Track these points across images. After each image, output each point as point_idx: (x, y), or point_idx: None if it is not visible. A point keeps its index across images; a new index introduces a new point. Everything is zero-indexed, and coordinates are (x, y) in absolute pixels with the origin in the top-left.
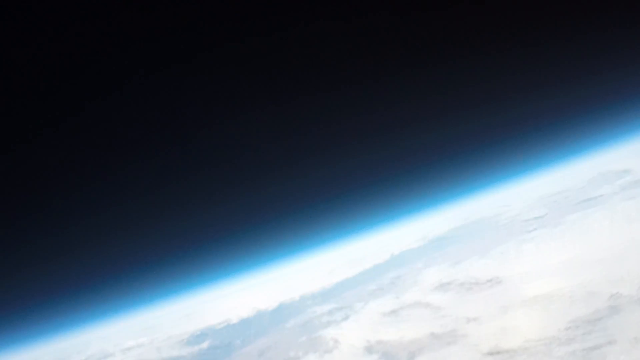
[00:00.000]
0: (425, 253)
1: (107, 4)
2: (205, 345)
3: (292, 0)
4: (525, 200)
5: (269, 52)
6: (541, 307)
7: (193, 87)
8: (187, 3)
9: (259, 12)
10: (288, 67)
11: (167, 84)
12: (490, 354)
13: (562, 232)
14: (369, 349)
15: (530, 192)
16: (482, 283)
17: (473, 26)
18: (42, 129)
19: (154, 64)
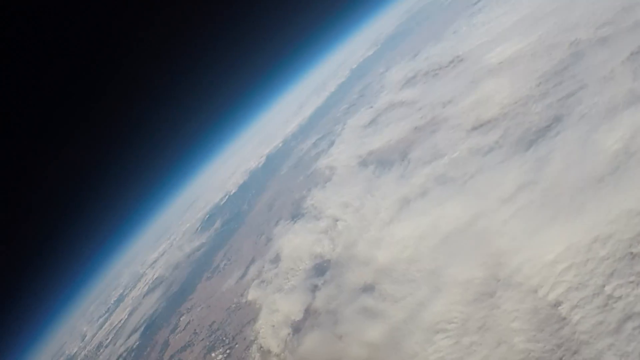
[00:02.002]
0: (382, 56)
1: None
2: (218, 224)
3: None
4: None
5: None
6: (508, 72)
7: None
8: None
9: None
10: None
11: None
12: (475, 128)
13: None
14: (363, 163)
15: None
16: (446, 66)
17: None
18: None
19: None
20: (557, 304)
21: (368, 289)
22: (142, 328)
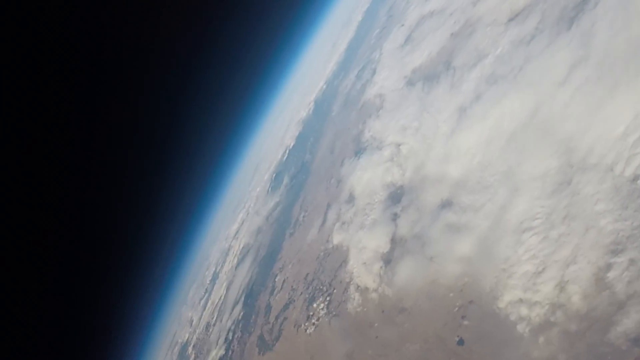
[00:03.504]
0: None
1: None
2: (286, 180)
3: None
4: None
5: None
6: None
7: None
8: None
9: None
10: None
11: None
12: (511, 19)
13: None
14: (410, 83)
15: None
16: None
17: None
18: None
19: None
20: (636, 177)
21: (447, 204)
22: (243, 298)
